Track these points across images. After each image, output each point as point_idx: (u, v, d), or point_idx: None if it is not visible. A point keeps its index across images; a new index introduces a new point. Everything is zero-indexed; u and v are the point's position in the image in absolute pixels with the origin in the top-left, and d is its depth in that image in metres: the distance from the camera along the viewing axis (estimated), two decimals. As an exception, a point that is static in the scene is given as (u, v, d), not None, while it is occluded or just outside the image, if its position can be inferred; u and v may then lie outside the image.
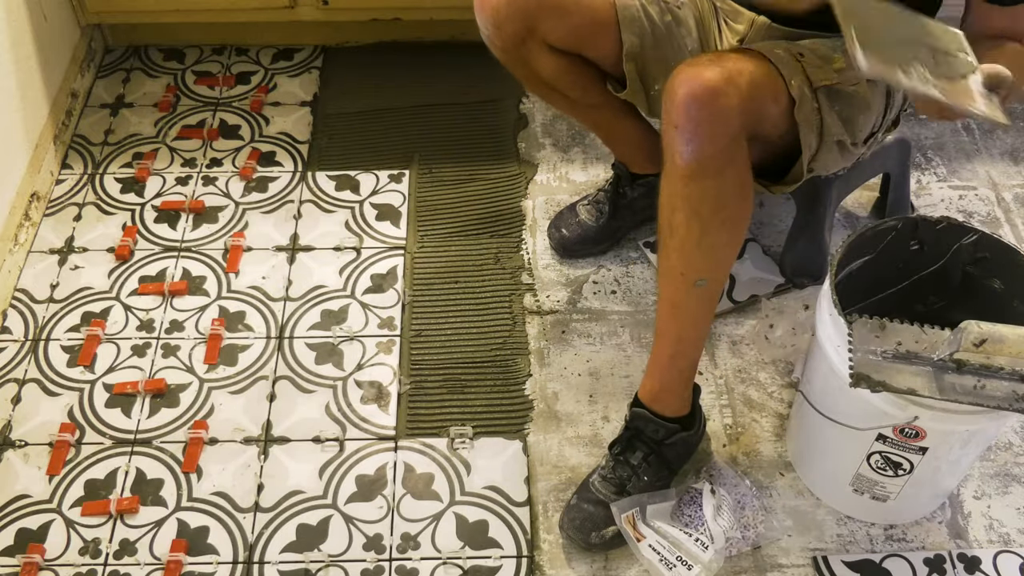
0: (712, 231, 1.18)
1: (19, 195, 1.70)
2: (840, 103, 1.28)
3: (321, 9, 1.97)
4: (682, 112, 1.13)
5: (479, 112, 1.97)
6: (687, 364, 1.32)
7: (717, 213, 1.17)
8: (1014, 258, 1.23)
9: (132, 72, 2.05)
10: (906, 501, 1.32)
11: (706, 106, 1.12)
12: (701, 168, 1.14)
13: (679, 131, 1.14)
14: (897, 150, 1.63)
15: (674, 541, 1.31)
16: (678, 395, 1.34)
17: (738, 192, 1.18)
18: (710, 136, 1.13)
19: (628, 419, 1.36)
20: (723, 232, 1.20)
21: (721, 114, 1.13)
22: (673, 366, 1.31)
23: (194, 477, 1.42)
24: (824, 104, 1.26)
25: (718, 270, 1.24)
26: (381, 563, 1.33)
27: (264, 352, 1.57)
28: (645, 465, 1.34)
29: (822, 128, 1.27)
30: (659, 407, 1.33)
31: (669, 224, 1.20)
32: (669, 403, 1.34)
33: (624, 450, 1.35)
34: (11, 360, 1.55)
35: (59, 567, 1.32)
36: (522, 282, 1.68)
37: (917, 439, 1.19)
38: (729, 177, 1.16)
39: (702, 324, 1.29)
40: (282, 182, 1.83)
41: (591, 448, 1.45)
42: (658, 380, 1.32)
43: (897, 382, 1.10)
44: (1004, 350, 1.07)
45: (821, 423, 1.27)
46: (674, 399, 1.34)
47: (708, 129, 1.13)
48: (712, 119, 1.13)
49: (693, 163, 1.14)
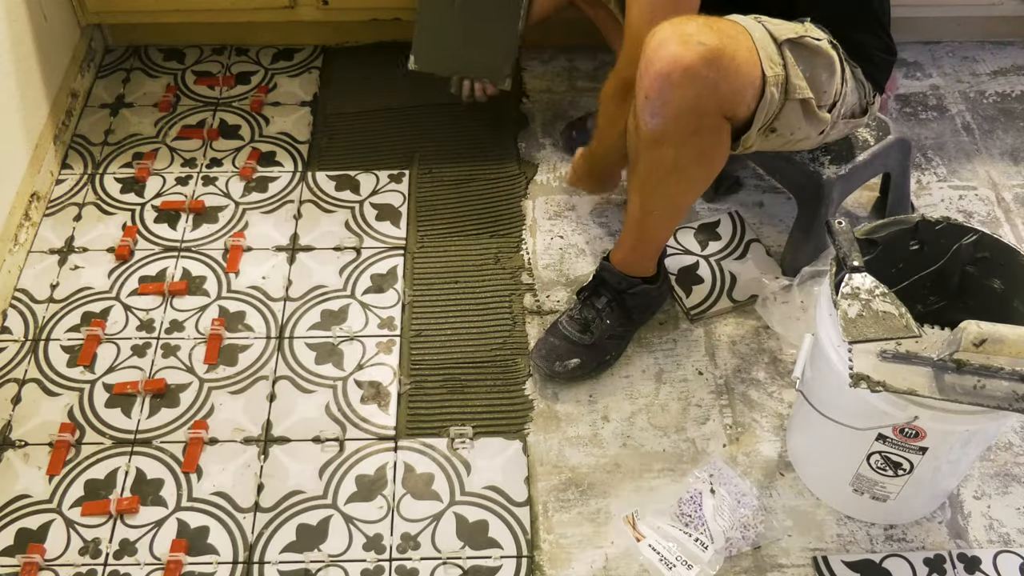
0: (669, 185, 1.31)
1: (19, 195, 1.70)
2: (804, 61, 1.28)
3: (321, 9, 1.97)
4: (655, 87, 1.17)
5: (479, 112, 1.97)
6: (653, 245, 1.48)
7: (673, 175, 1.28)
8: (1014, 258, 1.23)
9: (132, 72, 2.05)
10: (906, 501, 1.32)
11: (678, 87, 1.15)
12: (663, 138, 1.22)
13: (648, 102, 1.18)
14: (897, 149, 1.63)
15: (674, 541, 1.31)
16: (644, 260, 1.50)
17: (697, 159, 1.26)
18: (675, 115, 1.18)
19: (597, 270, 1.53)
20: (681, 185, 1.32)
21: (692, 97, 1.16)
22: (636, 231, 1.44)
23: (194, 477, 1.42)
24: (789, 59, 1.26)
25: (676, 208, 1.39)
26: (381, 563, 1.33)
27: (264, 352, 1.57)
28: (608, 310, 1.50)
29: (787, 87, 1.27)
30: (626, 268, 1.50)
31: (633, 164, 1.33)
32: (635, 265, 1.50)
33: (591, 295, 1.52)
34: (11, 360, 1.55)
35: (59, 567, 1.32)
36: (522, 282, 1.68)
37: (917, 439, 1.19)
38: (690, 146, 1.23)
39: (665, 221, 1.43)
40: (282, 182, 1.83)
41: (591, 448, 1.45)
42: (627, 244, 1.48)
43: (897, 382, 1.10)
44: (1004, 350, 1.07)
45: (821, 423, 1.27)
46: (641, 262, 1.50)
47: (675, 109, 1.17)
48: (681, 100, 1.16)
49: (657, 133, 1.21)
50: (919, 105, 2.02)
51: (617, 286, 1.50)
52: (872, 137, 1.60)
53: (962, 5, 2.07)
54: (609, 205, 1.79)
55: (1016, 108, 2.01)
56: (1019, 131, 1.97)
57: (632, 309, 1.52)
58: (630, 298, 1.51)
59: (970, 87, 2.06)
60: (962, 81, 2.07)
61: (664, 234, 1.48)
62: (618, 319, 1.51)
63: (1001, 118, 1.99)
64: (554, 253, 1.72)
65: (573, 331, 1.50)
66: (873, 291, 1.16)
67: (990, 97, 2.04)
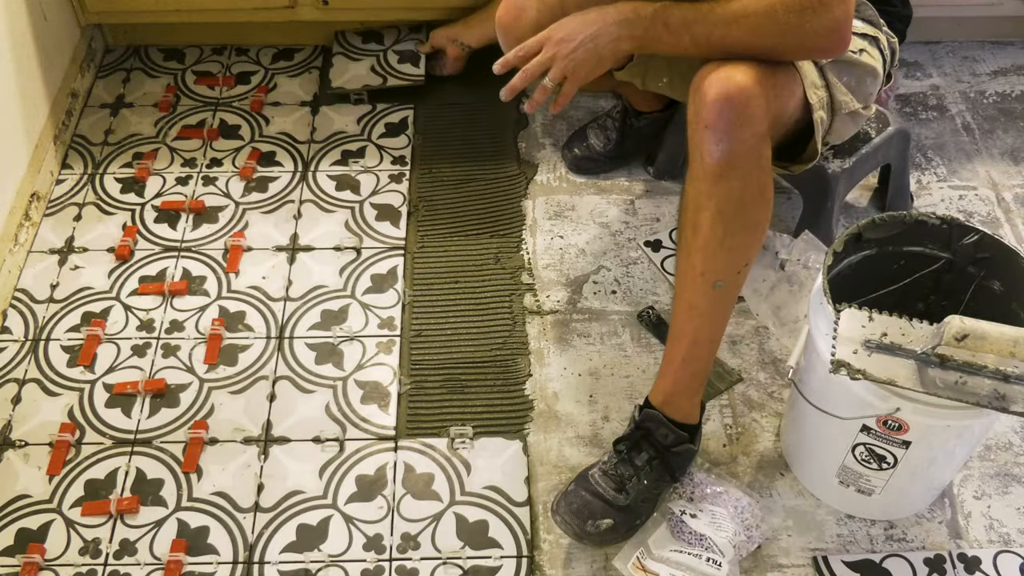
0: (735, 232, 1.21)
1: (19, 195, 1.70)
2: (846, 73, 1.32)
3: (321, 9, 1.97)
4: (714, 112, 1.16)
5: (479, 112, 1.97)
6: (701, 367, 1.32)
7: (740, 215, 1.20)
8: (1015, 260, 1.23)
9: (132, 72, 2.05)
10: (892, 496, 1.32)
11: (737, 108, 1.16)
12: (730, 168, 1.17)
13: (710, 130, 1.17)
14: (897, 140, 1.64)
15: (688, 569, 1.30)
16: (689, 399, 1.34)
17: (759, 195, 1.21)
18: (740, 137, 1.17)
19: (638, 419, 1.34)
20: (745, 234, 1.23)
21: (751, 116, 1.17)
22: (686, 368, 1.31)
23: (194, 477, 1.42)
24: (832, 79, 1.30)
25: (737, 273, 1.25)
26: (381, 563, 1.33)
27: (264, 352, 1.57)
28: (648, 468, 1.32)
29: (832, 105, 1.31)
30: (670, 411, 1.33)
31: (693, 223, 1.22)
32: (680, 407, 1.33)
33: (631, 449, 1.33)
34: (11, 360, 1.55)
35: (59, 567, 1.32)
36: (522, 282, 1.68)
37: (900, 432, 1.20)
38: (753, 179, 1.19)
39: (717, 326, 1.30)
40: (282, 182, 1.83)
41: (591, 448, 1.45)
42: (671, 382, 1.32)
43: (878, 371, 1.11)
44: (986, 347, 1.08)
45: (809, 412, 1.28)
46: (685, 403, 1.34)
47: (738, 130, 1.17)
48: (742, 120, 1.16)
49: (723, 162, 1.17)
50: (919, 105, 2.02)
51: (663, 441, 1.33)
52: (873, 129, 1.61)
53: (962, 5, 2.07)
54: (609, 205, 1.79)
55: (1016, 108, 2.01)
56: (1019, 131, 1.97)
57: (675, 468, 1.35)
58: (674, 457, 1.34)
59: (970, 87, 2.06)
60: (962, 81, 2.07)
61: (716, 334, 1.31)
62: (656, 479, 1.33)
63: (1001, 118, 1.99)
64: (554, 253, 1.72)
65: (608, 488, 1.32)
66: None
67: (990, 97, 2.04)
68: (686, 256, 1.25)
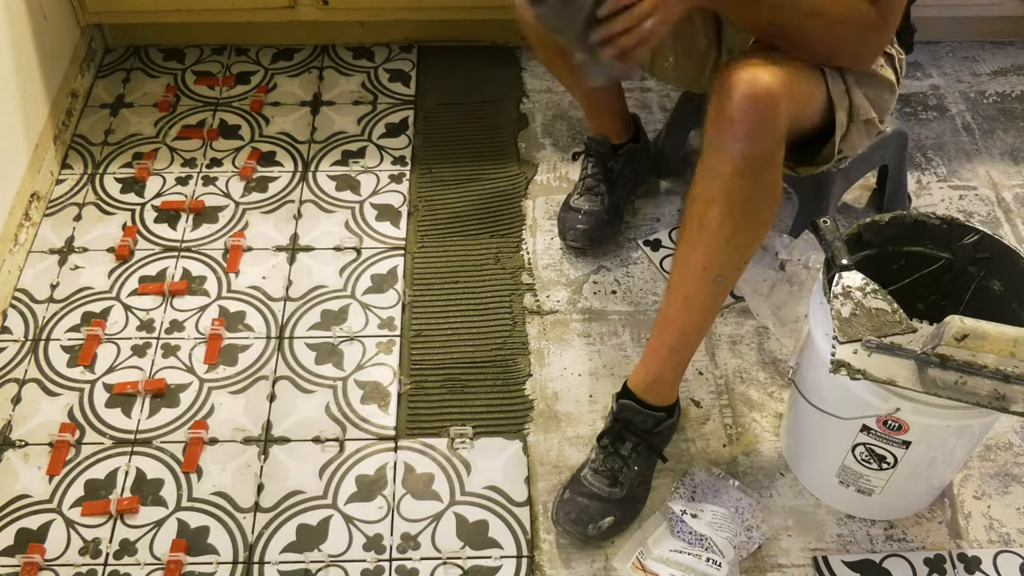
0: (743, 230, 1.22)
1: (19, 195, 1.70)
2: (867, 85, 1.34)
3: (321, 9, 1.97)
4: (739, 110, 1.17)
5: (479, 112, 1.97)
6: (686, 357, 1.35)
7: (749, 213, 1.21)
8: (1015, 260, 1.23)
9: (132, 72, 2.05)
10: (892, 496, 1.32)
11: (762, 108, 1.17)
12: (747, 167, 1.18)
13: (734, 126, 1.18)
14: (895, 141, 1.64)
15: (688, 570, 1.30)
16: (671, 385, 1.38)
17: (770, 195, 1.22)
18: (761, 137, 1.18)
19: (616, 410, 1.37)
20: (751, 232, 1.24)
21: (774, 118, 1.18)
22: (673, 357, 1.34)
23: (194, 477, 1.42)
24: (852, 85, 1.31)
25: (737, 269, 1.27)
26: (381, 563, 1.33)
27: (264, 352, 1.57)
28: (635, 455, 1.35)
29: (851, 109, 1.32)
30: (650, 397, 1.36)
31: (700, 218, 1.23)
32: (660, 392, 1.37)
33: (614, 441, 1.36)
34: (11, 360, 1.55)
35: (59, 567, 1.32)
36: (522, 282, 1.68)
37: (900, 432, 1.20)
38: (766, 178, 1.20)
39: (709, 319, 1.32)
40: (282, 182, 1.83)
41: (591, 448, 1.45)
42: (654, 370, 1.35)
43: (878, 371, 1.11)
44: (986, 347, 1.08)
45: (810, 412, 1.28)
46: (666, 389, 1.37)
47: (760, 131, 1.18)
48: (765, 121, 1.17)
49: (742, 160, 1.18)
50: (919, 105, 2.02)
51: (642, 426, 1.35)
52: None
53: (962, 5, 2.07)
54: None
55: (1016, 108, 2.01)
56: (1019, 131, 1.97)
57: (659, 446, 1.39)
58: (656, 437, 1.37)
59: (970, 87, 2.06)
60: (962, 81, 2.07)
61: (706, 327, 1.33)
62: (645, 462, 1.36)
63: (1001, 118, 1.99)
64: (554, 253, 1.72)
65: (602, 486, 1.34)
66: (864, 288, 1.16)
67: (990, 97, 2.04)
68: (689, 250, 1.25)
